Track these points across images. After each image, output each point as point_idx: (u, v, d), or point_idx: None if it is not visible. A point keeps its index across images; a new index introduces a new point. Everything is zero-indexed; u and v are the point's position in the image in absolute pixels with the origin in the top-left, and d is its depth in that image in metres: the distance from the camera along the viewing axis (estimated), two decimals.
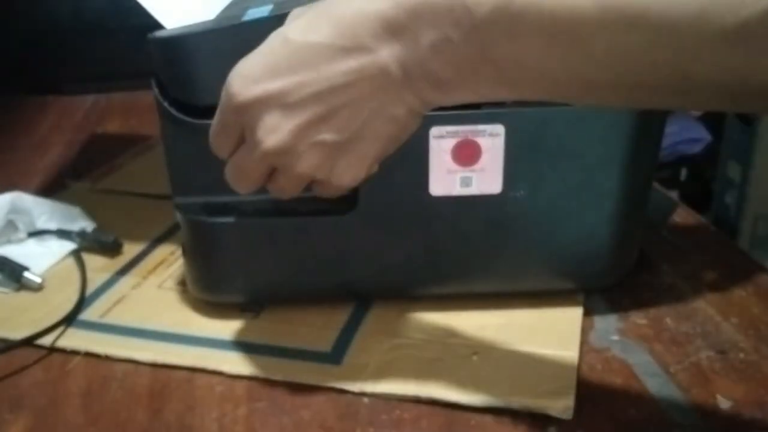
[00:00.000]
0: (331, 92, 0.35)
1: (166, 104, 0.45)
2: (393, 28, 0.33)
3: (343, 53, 0.34)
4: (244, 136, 0.38)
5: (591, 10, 0.29)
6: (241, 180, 0.39)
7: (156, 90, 0.46)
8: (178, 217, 0.50)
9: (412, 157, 0.46)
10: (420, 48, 0.33)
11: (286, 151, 0.36)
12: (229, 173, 0.40)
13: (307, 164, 0.37)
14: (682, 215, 0.64)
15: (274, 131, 0.36)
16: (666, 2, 0.27)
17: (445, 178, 0.47)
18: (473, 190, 0.47)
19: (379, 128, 0.36)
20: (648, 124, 0.47)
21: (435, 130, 0.46)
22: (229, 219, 0.48)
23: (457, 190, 0.47)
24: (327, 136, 0.36)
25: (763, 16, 0.26)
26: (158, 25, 0.47)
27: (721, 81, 0.28)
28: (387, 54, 0.34)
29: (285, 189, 0.39)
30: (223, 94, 0.37)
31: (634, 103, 0.33)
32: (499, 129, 0.45)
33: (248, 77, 0.36)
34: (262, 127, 0.36)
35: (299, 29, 0.35)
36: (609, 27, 0.29)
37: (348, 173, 0.38)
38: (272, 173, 0.39)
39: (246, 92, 0.35)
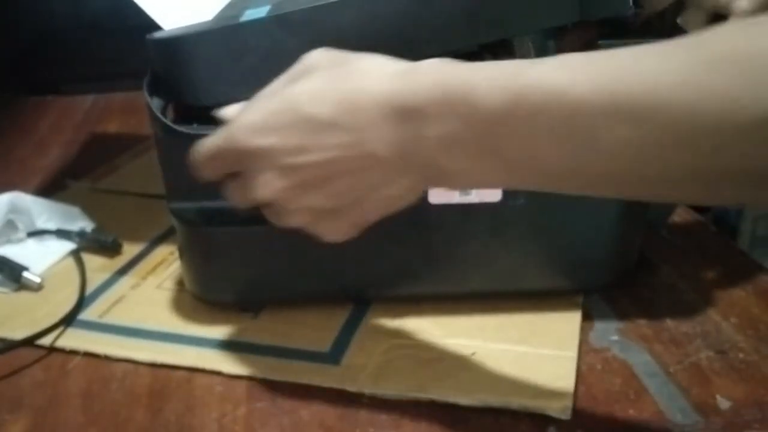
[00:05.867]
0: (326, 164, 0.36)
1: (158, 113, 0.45)
2: (395, 115, 0.34)
3: (341, 131, 0.35)
4: (239, 173, 0.39)
5: (605, 104, 0.28)
6: (236, 202, 0.41)
7: (147, 97, 0.46)
8: (174, 222, 0.50)
9: None
10: (424, 139, 0.33)
11: (275, 205, 0.38)
12: (227, 191, 0.41)
13: (293, 221, 0.39)
14: (682, 215, 0.64)
15: (267, 186, 0.38)
16: (682, 97, 0.26)
17: None
18: (473, 198, 0.47)
19: (372, 203, 0.37)
20: None
21: None
22: (225, 226, 0.48)
23: (457, 199, 0.47)
24: (317, 202, 0.38)
25: None
26: (158, 25, 0.47)
27: (740, 175, 0.27)
28: (382, 139, 0.35)
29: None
30: (228, 133, 0.38)
31: (640, 197, 0.32)
32: None
33: (254, 127, 0.37)
34: (257, 178, 0.38)
35: (307, 98, 0.36)
36: (621, 121, 0.27)
37: (335, 234, 0.39)
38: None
39: (249, 141, 0.37)
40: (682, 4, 0.51)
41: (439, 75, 0.33)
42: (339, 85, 0.36)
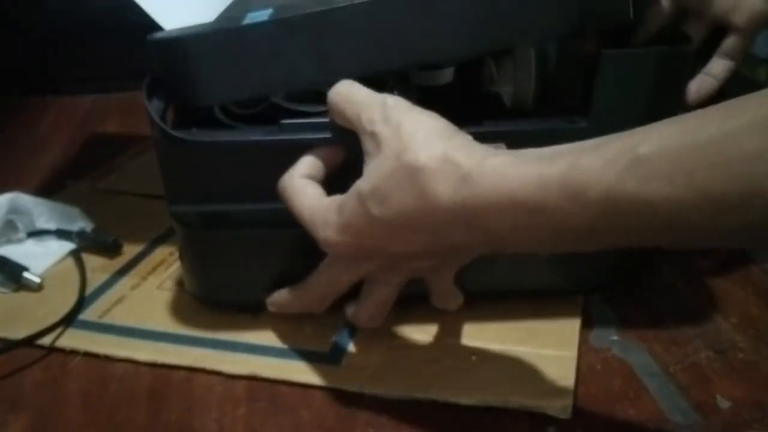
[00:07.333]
0: (408, 256, 0.41)
1: (157, 118, 0.44)
2: (471, 228, 0.36)
3: (418, 233, 0.38)
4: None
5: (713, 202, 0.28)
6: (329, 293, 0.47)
7: (146, 101, 0.45)
8: (174, 225, 0.50)
9: None
10: (505, 244, 0.36)
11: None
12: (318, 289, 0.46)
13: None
14: None
15: (351, 271, 0.44)
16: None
17: None
18: None
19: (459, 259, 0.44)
20: None
21: None
22: (225, 229, 0.48)
23: None
24: (400, 278, 0.44)
25: None
26: (158, 25, 0.47)
27: None
28: (464, 236, 0.37)
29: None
30: (310, 220, 0.42)
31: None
32: (501, 146, 0.45)
33: (334, 228, 0.41)
34: (343, 264, 0.44)
35: (374, 201, 0.38)
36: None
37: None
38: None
39: (329, 237, 0.41)
40: (682, 17, 0.51)
41: (505, 188, 0.34)
42: (403, 185, 0.37)
